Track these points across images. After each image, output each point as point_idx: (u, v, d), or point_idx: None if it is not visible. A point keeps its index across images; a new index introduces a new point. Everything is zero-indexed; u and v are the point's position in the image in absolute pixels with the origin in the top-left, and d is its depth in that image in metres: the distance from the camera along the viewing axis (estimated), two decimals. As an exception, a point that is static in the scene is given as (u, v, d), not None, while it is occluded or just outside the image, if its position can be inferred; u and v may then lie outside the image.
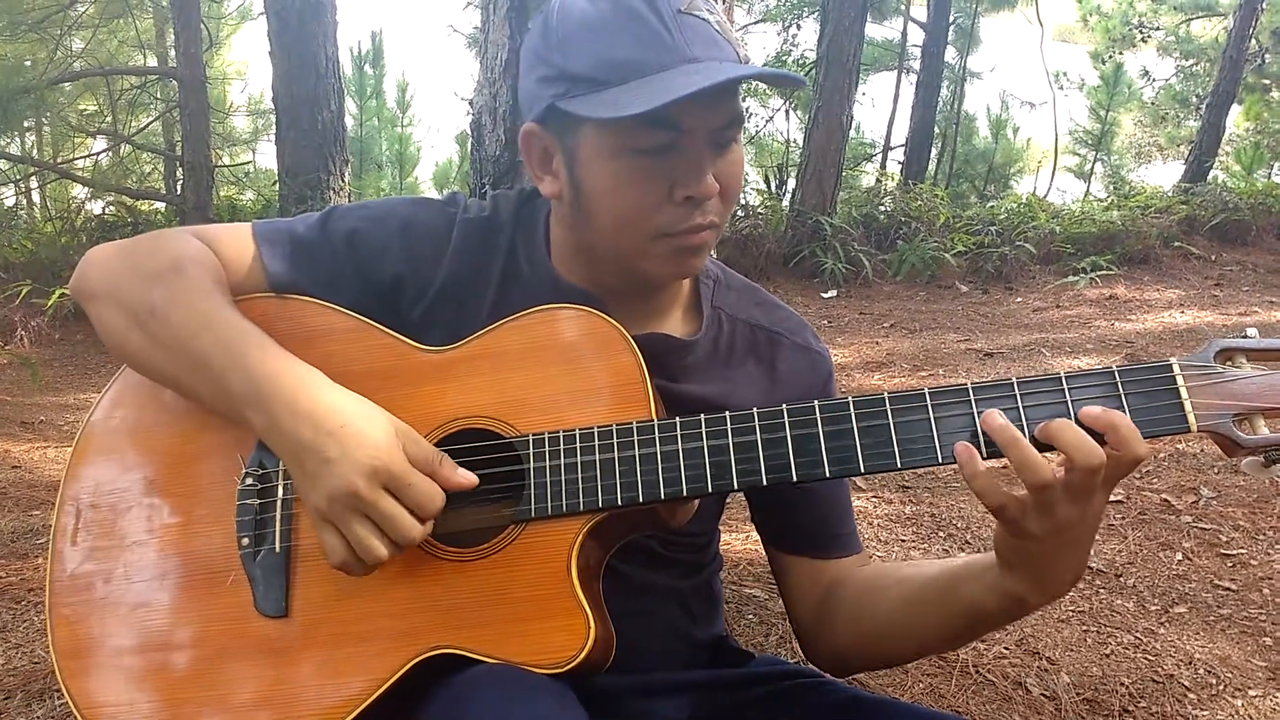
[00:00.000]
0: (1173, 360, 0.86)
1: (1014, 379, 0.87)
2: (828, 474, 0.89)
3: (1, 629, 2.05)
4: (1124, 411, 0.84)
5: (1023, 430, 0.84)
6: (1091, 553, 2.62)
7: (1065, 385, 0.86)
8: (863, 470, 0.88)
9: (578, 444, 0.93)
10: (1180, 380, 0.85)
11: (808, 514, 1.12)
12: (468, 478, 0.92)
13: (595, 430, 0.93)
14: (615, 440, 0.93)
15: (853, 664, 1.15)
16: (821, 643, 1.12)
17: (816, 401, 0.90)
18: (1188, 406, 0.84)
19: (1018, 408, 0.86)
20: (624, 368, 0.96)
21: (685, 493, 0.91)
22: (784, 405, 0.91)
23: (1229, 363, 0.86)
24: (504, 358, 0.99)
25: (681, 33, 0.91)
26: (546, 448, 0.94)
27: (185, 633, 0.96)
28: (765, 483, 0.89)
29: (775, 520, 1.15)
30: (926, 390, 0.88)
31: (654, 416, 0.94)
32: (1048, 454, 0.83)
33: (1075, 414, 0.84)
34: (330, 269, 1.06)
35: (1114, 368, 0.86)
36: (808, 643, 1.15)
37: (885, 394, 0.89)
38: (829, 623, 1.10)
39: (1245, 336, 0.87)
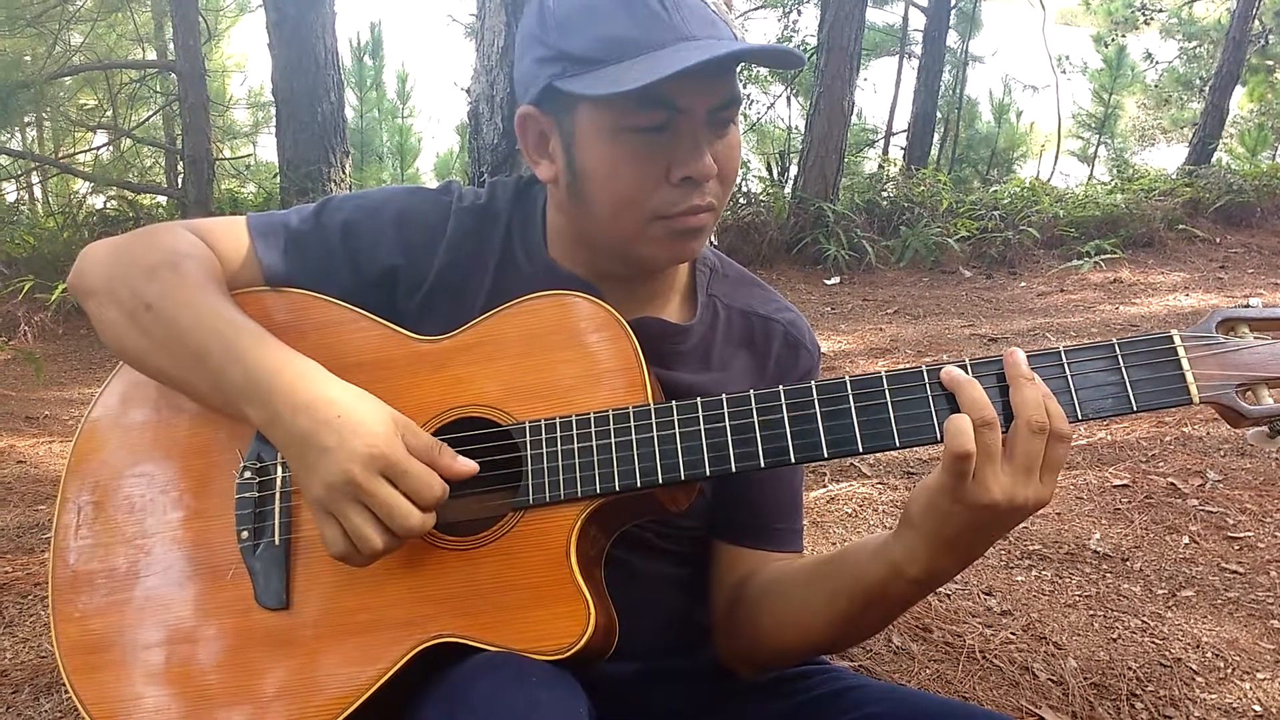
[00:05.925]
0: (1173, 331, 0.85)
1: None
2: (826, 455, 0.88)
3: (8, 624, 2.06)
4: (1125, 384, 0.83)
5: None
6: (1097, 536, 2.58)
7: (1065, 360, 0.85)
8: (861, 450, 0.87)
9: (574, 430, 0.93)
10: (1181, 351, 0.84)
11: (750, 505, 1.08)
12: (467, 465, 0.91)
13: (592, 416, 0.93)
14: (613, 426, 0.92)
15: (744, 661, 1.08)
16: (721, 635, 1.08)
17: (814, 382, 0.89)
18: (1189, 378, 0.83)
19: None
20: (620, 353, 0.95)
21: (683, 477, 0.90)
22: (780, 388, 0.90)
23: (1231, 333, 0.85)
24: (500, 346, 0.98)
25: (679, 12, 0.92)
26: (544, 435, 0.93)
27: (186, 626, 0.96)
28: (763, 465, 0.89)
29: (720, 509, 1.09)
30: (924, 367, 0.87)
31: (651, 401, 0.93)
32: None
33: (1074, 389, 0.84)
34: (324, 260, 1.06)
35: (1114, 341, 0.85)
36: (715, 636, 1.09)
37: (883, 373, 0.88)
38: (732, 615, 1.06)
39: (1248, 306, 0.85)
